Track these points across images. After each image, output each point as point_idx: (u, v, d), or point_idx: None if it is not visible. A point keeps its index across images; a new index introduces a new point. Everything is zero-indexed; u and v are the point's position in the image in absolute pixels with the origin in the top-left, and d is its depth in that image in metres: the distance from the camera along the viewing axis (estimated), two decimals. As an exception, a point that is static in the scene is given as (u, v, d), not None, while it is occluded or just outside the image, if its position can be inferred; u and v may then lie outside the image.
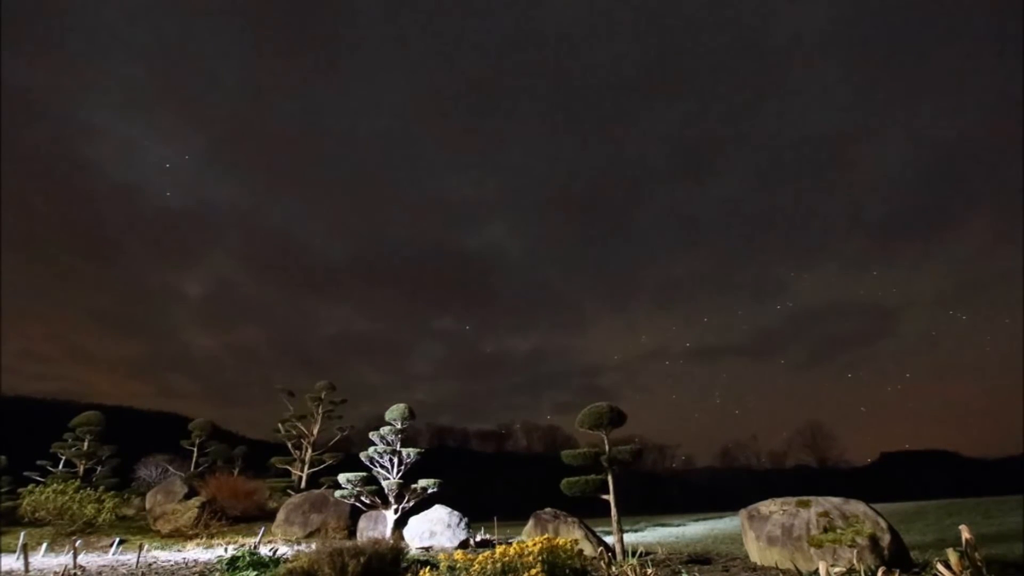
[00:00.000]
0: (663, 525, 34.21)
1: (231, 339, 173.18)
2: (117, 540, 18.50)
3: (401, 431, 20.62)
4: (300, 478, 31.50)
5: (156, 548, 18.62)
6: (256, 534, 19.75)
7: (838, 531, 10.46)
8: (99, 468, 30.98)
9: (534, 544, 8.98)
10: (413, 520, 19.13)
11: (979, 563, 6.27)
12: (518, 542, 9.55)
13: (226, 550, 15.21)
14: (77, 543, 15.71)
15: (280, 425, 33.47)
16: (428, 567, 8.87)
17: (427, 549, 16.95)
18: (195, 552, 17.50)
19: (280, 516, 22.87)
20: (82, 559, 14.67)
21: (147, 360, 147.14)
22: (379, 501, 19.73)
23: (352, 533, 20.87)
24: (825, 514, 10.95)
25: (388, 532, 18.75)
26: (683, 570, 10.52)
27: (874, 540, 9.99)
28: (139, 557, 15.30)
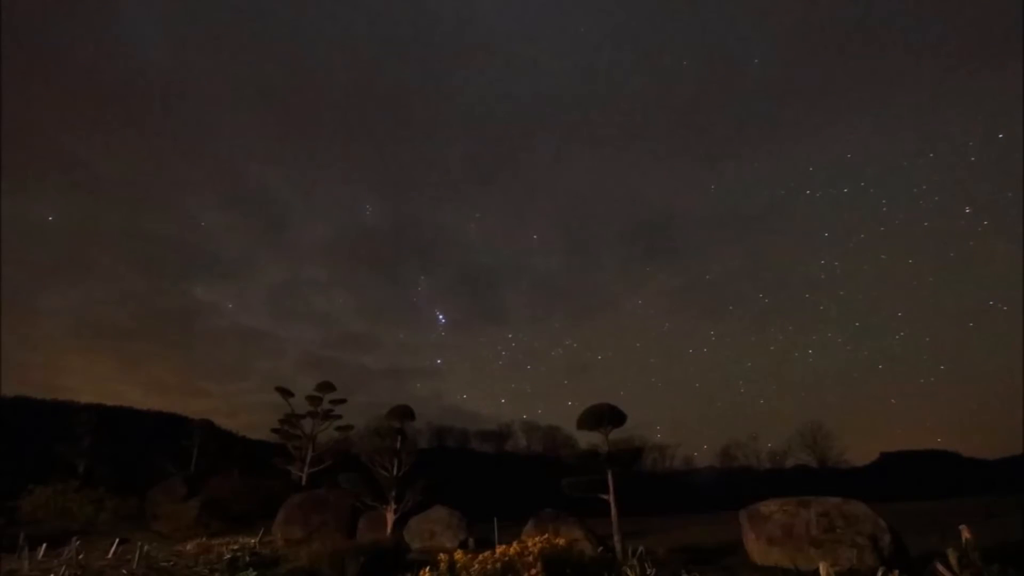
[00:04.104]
0: (663, 525, 34.18)
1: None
2: (117, 540, 18.50)
3: (401, 431, 20.63)
4: (300, 478, 31.51)
5: (156, 548, 18.62)
6: (256, 534, 19.75)
7: (838, 531, 10.47)
8: (99, 468, 30.97)
9: (534, 544, 8.99)
10: (413, 520, 19.14)
11: (979, 563, 6.27)
12: (518, 542, 9.55)
13: (226, 550, 15.21)
14: (77, 543, 15.71)
15: (280, 425, 33.49)
16: (428, 567, 8.87)
17: (427, 549, 16.96)
18: (195, 552, 17.49)
19: (280, 516, 22.85)
20: (82, 559, 14.66)
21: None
22: (379, 501, 19.74)
23: (352, 533, 20.87)
24: (825, 514, 10.96)
25: (388, 532, 18.75)
26: (683, 570, 10.52)
27: (874, 540, 10.00)
28: (139, 557, 15.30)
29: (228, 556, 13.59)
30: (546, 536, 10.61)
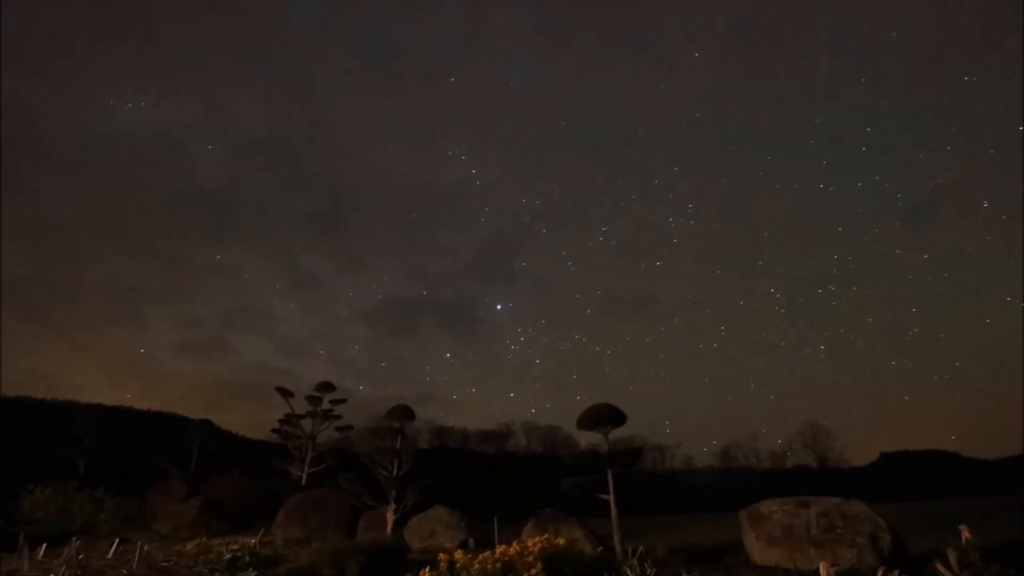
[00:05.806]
0: (663, 525, 34.16)
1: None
2: (117, 540, 18.49)
3: (401, 431, 20.62)
4: (300, 478, 31.52)
5: (156, 548, 18.61)
6: (256, 534, 19.74)
7: (838, 531, 10.47)
8: (99, 468, 30.99)
9: (534, 544, 8.98)
10: (413, 520, 19.14)
11: (979, 563, 6.27)
12: (518, 542, 9.55)
13: (226, 550, 15.20)
14: (77, 543, 15.71)
15: (279, 425, 33.51)
16: (428, 567, 8.87)
17: (427, 549, 16.95)
18: (195, 552, 17.48)
19: (280, 516, 22.84)
20: (82, 559, 14.65)
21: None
22: (379, 501, 19.73)
23: (352, 533, 20.86)
24: (825, 514, 10.96)
25: (388, 532, 18.75)
26: (683, 570, 10.52)
27: (874, 540, 10.00)
28: (139, 557, 15.29)
29: (228, 556, 13.59)
30: (546, 536, 10.62)
